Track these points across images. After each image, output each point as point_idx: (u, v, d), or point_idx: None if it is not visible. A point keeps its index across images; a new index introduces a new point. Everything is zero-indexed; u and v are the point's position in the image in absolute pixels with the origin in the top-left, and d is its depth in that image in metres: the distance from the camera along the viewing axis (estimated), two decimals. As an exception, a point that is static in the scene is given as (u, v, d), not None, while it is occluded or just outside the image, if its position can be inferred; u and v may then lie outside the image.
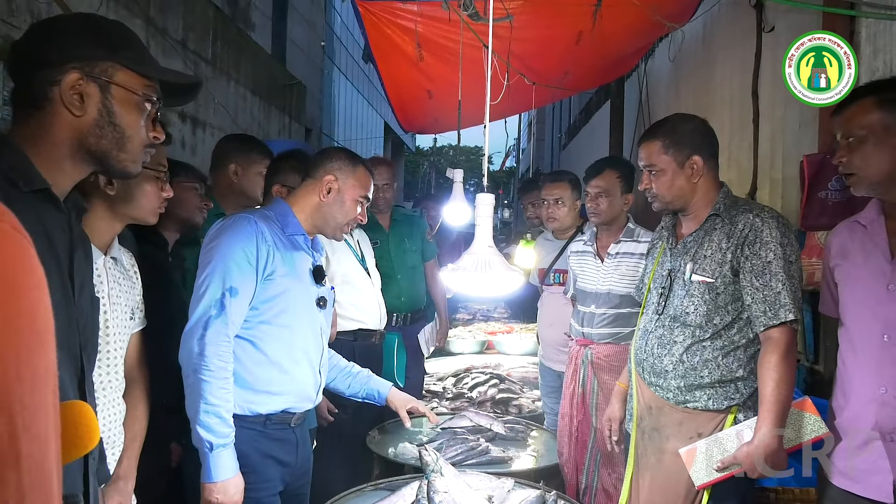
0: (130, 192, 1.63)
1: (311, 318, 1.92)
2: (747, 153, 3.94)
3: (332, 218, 1.92)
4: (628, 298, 2.71)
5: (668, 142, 1.93)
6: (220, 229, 1.81)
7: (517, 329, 5.60)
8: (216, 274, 1.75)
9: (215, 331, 1.72)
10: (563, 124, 14.72)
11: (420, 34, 4.33)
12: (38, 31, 1.14)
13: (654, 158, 1.94)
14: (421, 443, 2.74)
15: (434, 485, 2.06)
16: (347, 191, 1.91)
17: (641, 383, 2.04)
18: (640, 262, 2.73)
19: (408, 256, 3.45)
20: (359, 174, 1.94)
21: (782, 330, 1.77)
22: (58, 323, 1.02)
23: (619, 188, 2.84)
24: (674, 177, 1.93)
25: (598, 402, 2.78)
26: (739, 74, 4.26)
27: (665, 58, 5.76)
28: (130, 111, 1.16)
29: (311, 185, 1.93)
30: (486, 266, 1.59)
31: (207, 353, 1.70)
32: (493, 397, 3.90)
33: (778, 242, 1.79)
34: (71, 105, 1.10)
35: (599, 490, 2.79)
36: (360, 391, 2.29)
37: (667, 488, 1.90)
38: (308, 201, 1.92)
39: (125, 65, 1.15)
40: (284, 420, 1.88)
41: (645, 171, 1.98)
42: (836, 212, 2.78)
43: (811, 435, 1.81)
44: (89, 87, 1.12)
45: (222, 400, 1.71)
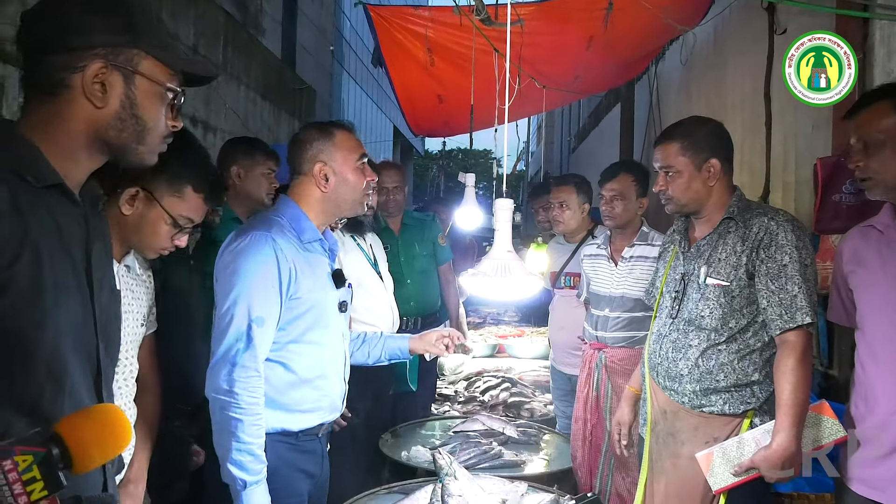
0: (145, 223, 1.56)
1: (336, 326, 1.87)
2: (760, 156, 3.92)
3: (345, 201, 1.83)
4: (642, 302, 2.70)
5: (686, 144, 1.92)
6: (237, 253, 1.70)
7: (528, 332, 5.60)
8: (240, 304, 1.66)
9: (244, 366, 1.64)
10: (572, 128, 14.70)
11: (431, 39, 4.35)
12: (55, 8, 1.04)
13: (672, 160, 1.94)
14: (434, 446, 2.74)
15: (448, 488, 2.06)
16: (344, 166, 1.80)
17: (656, 387, 2.03)
18: (654, 266, 2.71)
19: (417, 261, 3.45)
20: (341, 141, 1.81)
21: (798, 333, 1.76)
22: (72, 326, 1.03)
23: (634, 192, 2.83)
24: (690, 179, 1.92)
25: (613, 405, 2.77)
26: (751, 77, 4.24)
27: (676, 61, 5.75)
28: (154, 102, 1.09)
29: (304, 180, 1.81)
30: (506, 271, 1.60)
31: (237, 390, 1.63)
32: (504, 401, 3.90)
33: (794, 246, 1.78)
34: (93, 96, 1.03)
35: (613, 494, 2.78)
36: (381, 355, 2.17)
37: (682, 493, 1.89)
38: (311, 197, 1.81)
39: (150, 52, 1.07)
40: (314, 433, 1.84)
41: (661, 173, 1.97)
42: (851, 215, 2.77)
43: (830, 438, 1.79)
44: (112, 76, 1.04)
45: (255, 437, 1.65)
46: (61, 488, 0.81)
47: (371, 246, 3.03)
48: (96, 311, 1.10)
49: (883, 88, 1.73)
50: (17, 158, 0.99)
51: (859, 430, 1.69)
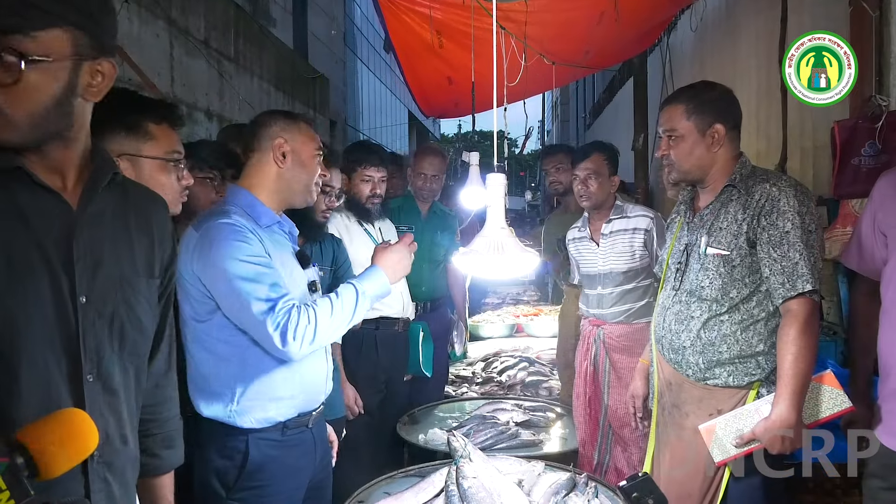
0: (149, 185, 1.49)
1: None
2: (776, 122, 3.83)
3: (298, 181, 1.78)
4: (631, 274, 2.78)
5: (692, 107, 1.87)
6: (209, 243, 1.62)
7: (546, 311, 5.57)
8: (251, 284, 1.58)
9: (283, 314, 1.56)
10: (587, 104, 14.54)
11: (436, 20, 4.32)
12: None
13: (675, 123, 1.89)
14: (450, 428, 2.75)
15: (463, 470, 2.05)
16: (302, 149, 1.77)
17: (661, 360, 2.01)
18: (633, 237, 2.77)
19: (435, 249, 3.47)
20: (303, 128, 1.80)
21: (801, 302, 1.71)
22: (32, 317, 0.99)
23: (606, 170, 2.88)
24: (694, 144, 1.87)
25: (611, 380, 2.80)
26: (766, 41, 4.13)
27: (687, 29, 5.63)
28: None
29: (260, 157, 1.76)
30: (499, 248, 1.56)
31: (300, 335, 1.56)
32: (522, 380, 3.89)
33: (796, 212, 1.73)
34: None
35: (611, 468, 2.80)
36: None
37: (686, 465, 1.87)
38: (265, 176, 1.75)
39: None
40: (301, 423, 1.79)
41: (664, 137, 1.92)
42: (870, 178, 2.67)
43: (832, 409, 1.75)
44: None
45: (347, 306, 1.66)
46: (29, 496, 0.81)
47: (380, 230, 3.02)
48: (78, 300, 1.05)
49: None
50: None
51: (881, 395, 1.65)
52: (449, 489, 2.04)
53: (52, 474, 0.85)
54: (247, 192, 1.75)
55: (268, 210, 1.75)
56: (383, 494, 2.14)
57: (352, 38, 14.91)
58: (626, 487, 1.44)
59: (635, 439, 2.68)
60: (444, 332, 3.56)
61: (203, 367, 1.71)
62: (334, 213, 2.88)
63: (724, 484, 1.83)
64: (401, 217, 3.34)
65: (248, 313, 1.58)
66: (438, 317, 3.51)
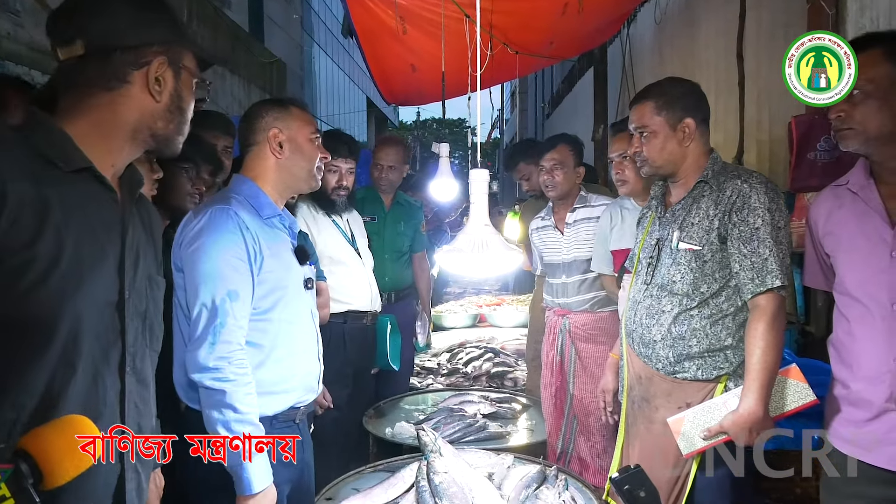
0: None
1: (304, 303, 1.83)
2: (734, 116, 3.91)
3: (299, 168, 1.78)
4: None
5: (661, 102, 1.89)
6: (199, 231, 1.63)
7: (508, 301, 5.60)
8: (211, 280, 1.59)
9: (224, 341, 1.58)
10: (545, 94, 14.60)
11: (400, 6, 4.26)
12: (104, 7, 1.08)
13: (646, 120, 1.90)
14: (418, 421, 2.74)
15: (433, 465, 2.04)
16: (297, 135, 1.77)
17: (632, 353, 2.03)
18: (597, 225, 2.79)
19: (399, 240, 3.45)
20: (295, 113, 1.79)
21: (769, 297, 1.75)
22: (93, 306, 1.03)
23: (572, 160, 2.92)
24: (665, 140, 1.89)
25: (576, 369, 2.83)
26: (724, 37, 4.20)
27: (649, 21, 5.69)
28: (189, 94, 1.17)
29: (257, 150, 1.77)
30: (483, 246, 1.54)
31: (221, 364, 1.57)
32: (488, 371, 3.90)
33: (766, 208, 1.76)
34: (153, 90, 1.10)
35: (575, 458, 2.83)
36: None
37: (655, 458, 1.90)
38: (265, 167, 1.76)
39: (190, 48, 1.16)
40: (290, 417, 1.79)
41: (636, 135, 1.94)
42: (826, 173, 2.76)
43: (797, 403, 1.79)
44: (167, 71, 1.12)
45: (250, 406, 1.59)
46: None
47: (348, 221, 2.98)
48: (126, 293, 1.11)
49: (871, 36, 1.65)
50: (46, 144, 1.03)
51: (844, 394, 1.68)
52: (420, 484, 2.03)
53: (59, 481, 0.84)
54: (251, 181, 1.76)
55: (270, 202, 1.76)
56: (352, 491, 2.12)
57: (309, 22, 14.63)
58: (617, 479, 1.45)
59: (599, 428, 2.71)
60: (409, 324, 3.55)
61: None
62: (300, 204, 2.82)
63: (692, 476, 1.86)
64: (364, 208, 3.30)
65: (196, 302, 1.60)
66: (404, 307, 3.48)
